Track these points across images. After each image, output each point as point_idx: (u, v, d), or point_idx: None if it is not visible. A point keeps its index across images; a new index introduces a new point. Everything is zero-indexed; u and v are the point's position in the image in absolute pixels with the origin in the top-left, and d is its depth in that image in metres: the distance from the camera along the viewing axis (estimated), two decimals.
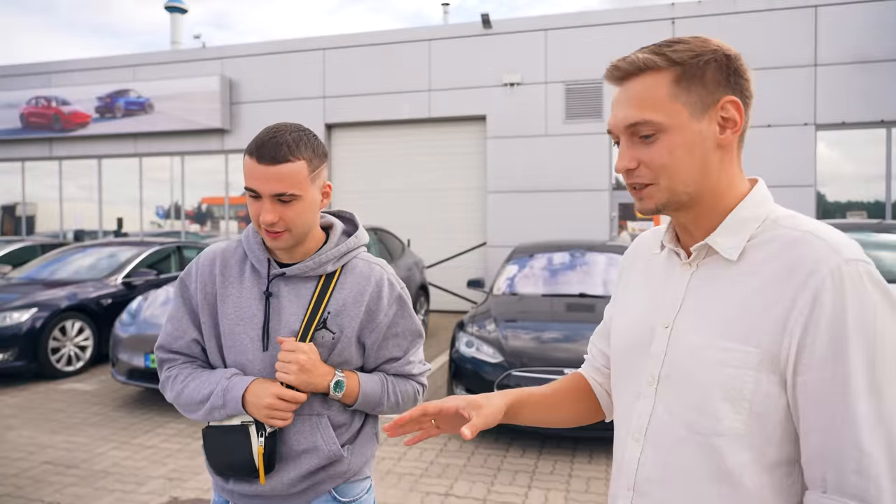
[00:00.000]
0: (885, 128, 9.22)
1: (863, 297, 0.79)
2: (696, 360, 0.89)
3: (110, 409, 5.27)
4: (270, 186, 1.28)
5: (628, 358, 1.02)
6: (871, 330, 0.78)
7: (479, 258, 10.84)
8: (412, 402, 1.51)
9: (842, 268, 0.80)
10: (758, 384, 0.83)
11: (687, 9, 9.77)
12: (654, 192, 0.91)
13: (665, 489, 0.92)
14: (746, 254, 0.89)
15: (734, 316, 0.86)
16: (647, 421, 0.95)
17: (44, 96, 12.89)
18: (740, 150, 0.94)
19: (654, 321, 0.97)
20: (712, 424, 0.86)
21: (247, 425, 1.33)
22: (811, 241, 0.84)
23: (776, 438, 0.84)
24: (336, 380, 1.36)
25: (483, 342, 4.51)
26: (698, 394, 0.88)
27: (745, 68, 0.90)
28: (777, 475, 0.85)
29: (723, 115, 0.89)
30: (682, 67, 0.88)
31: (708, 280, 0.92)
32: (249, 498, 1.41)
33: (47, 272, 7.38)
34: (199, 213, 13.24)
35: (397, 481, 3.76)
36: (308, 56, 11.52)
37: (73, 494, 3.60)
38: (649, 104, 0.88)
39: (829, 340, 0.78)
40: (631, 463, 0.97)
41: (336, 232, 1.46)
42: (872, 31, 9.08)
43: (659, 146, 0.89)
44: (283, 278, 1.39)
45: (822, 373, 0.79)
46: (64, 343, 6.39)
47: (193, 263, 1.47)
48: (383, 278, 1.45)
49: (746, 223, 0.90)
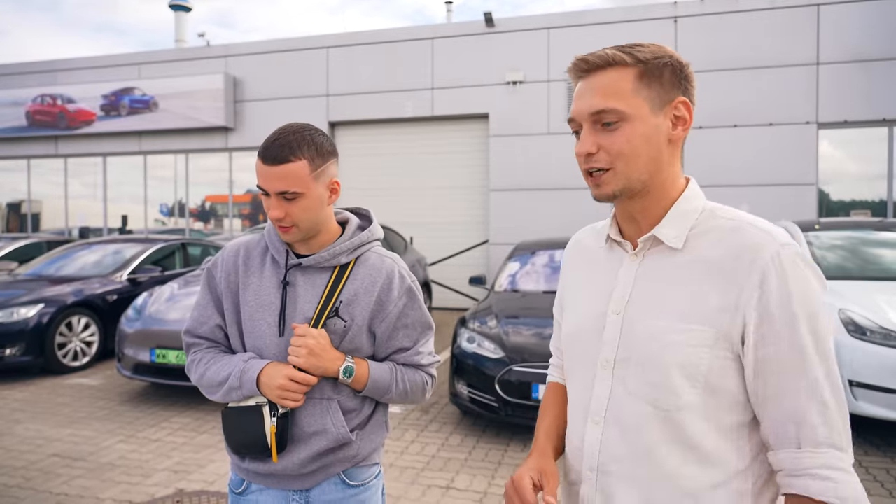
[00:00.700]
0: (888, 126, 9.23)
1: (800, 277, 0.90)
2: (656, 342, 0.96)
3: (116, 403, 5.34)
4: (274, 185, 1.37)
5: (580, 346, 1.09)
6: (810, 304, 0.90)
7: (481, 256, 10.88)
8: (420, 393, 1.57)
9: (780, 252, 0.91)
10: (713, 360, 0.93)
11: (689, 7, 9.78)
12: (610, 178, 0.98)
13: (632, 465, 0.99)
14: (689, 242, 0.98)
15: (688, 300, 0.95)
16: (605, 403, 1.02)
17: (49, 94, 12.97)
18: (682, 148, 1.04)
19: (605, 309, 1.04)
20: (673, 400, 0.95)
21: (261, 406, 1.40)
22: (749, 229, 0.95)
23: (727, 405, 0.95)
24: (346, 365, 1.43)
25: (484, 338, 4.55)
26: (658, 373, 0.96)
27: (692, 76, 1.01)
28: (732, 437, 0.96)
29: (675, 114, 0.98)
30: (645, 66, 0.97)
31: (655, 269, 1.00)
32: (263, 476, 1.47)
33: (53, 269, 7.44)
34: (203, 211, 13.31)
35: (399, 474, 3.81)
36: (311, 54, 11.56)
37: (80, 486, 3.66)
38: (615, 95, 0.96)
39: (780, 317, 0.89)
40: (593, 445, 1.03)
41: (351, 226, 1.54)
42: (874, 29, 9.08)
43: (620, 134, 0.96)
44: (300, 268, 1.47)
45: (780, 346, 0.90)
46: (70, 338, 6.45)
47: (220, 254, 1.57)
48: (394, 270, 1.51)
49: (687, 215, 1.00)
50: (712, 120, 9.55)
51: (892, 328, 4.10)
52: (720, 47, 9.57)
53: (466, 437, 4.45)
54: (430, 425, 4.73)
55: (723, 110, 9.51)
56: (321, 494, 1.48)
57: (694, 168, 9.68)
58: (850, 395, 4.15)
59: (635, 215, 1.03)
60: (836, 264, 5.20)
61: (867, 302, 4.41)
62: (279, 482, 1.47)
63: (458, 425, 4.72)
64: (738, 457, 0.96)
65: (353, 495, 1.50)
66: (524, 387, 4.17)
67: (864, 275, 5.00)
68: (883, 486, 3.59)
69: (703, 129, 9.60)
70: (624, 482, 1.00)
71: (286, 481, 1.47)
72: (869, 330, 4.18)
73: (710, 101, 9.54)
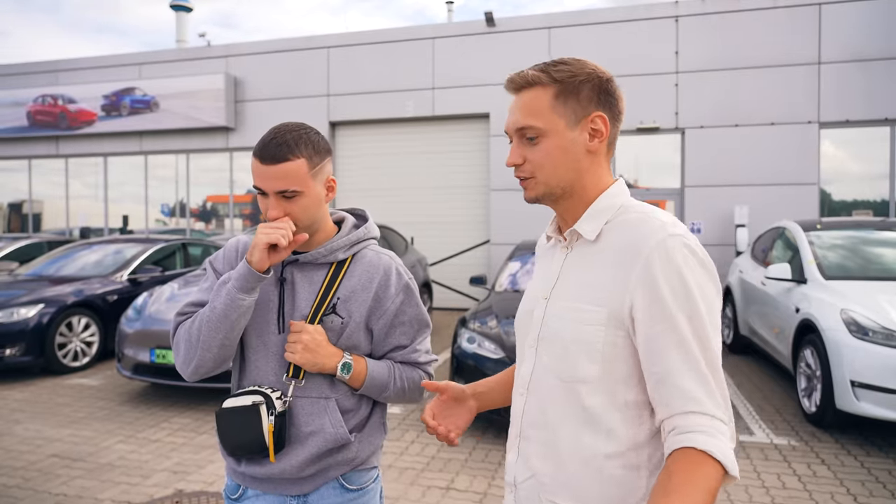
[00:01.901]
0: (889, 126, 9.20)
1: (682, 264, 0.98)
2: (561, 320, 1.09)
3: (116, 403, 5.33)
4: (273, 184, 1.35)
5: (521, 328, 1.23)
6: (689, 290, 0.98)
7: (482, 256, 10.87)
8: (418, 391, 1.56)
9: (666, 241, 0.99)
10: (607, 337, 1.03)
11: (690, 7, 9.76)
12: (533, 184, 1.11)
13: (543, 431, 1.11)
14: (603, 235, 1.09)
15: (589, 283, 1.07)
16: (529, 377, 1.15)
17: (50, 94, 12.98)
18: (609, 154, 1.13)
19: (539, 294, 1.17)
20: (573, 373, 1.06)
21: (258, 405, 1.37)
22: (646, 220, 1.05)
23: (622, 381, 1.03)
24: (344, 361, 1.41)
25: (485, 338, 4.54)
26: (562, 348, 1.08)
27: (615, 89, 1.10)
28: (628, 414, 1.04)
29: (592, 127, 1.08)
30: (561, 85, 1.07)
31: (577, 258, 1.12)
32: (261, 481, 1.45)
33: (54, 269, 7.44)
34: (204, 211, 13.31)
35: (399, 475, 3.79)
36: (312, 54, 11.56)
37: (79, 486, 3.65)
38: (534, 113, 1.08)
39: (658, 300, 0.98)
40: (518, 413, 1.17)
41: (347, 224, 1.54)
42: (875, 29, 9.05)
43: (539, 148, 1.09)
44: (297, 265, 1.46)
45: (655, 327, 0.98)
46: (70, 339, 6.45)
47: (221, 250, 1.56)
48: (391, 267, 1.51)
49: (603, 211, 1.10)
50: (713, 120, 9.53)
51: (895, 328, 4.08)
52: (721, 47, 9.55)
53: (467, 438, 4.44)
54: None
55: (724, 110, 9.49)
56: (319, 499, 1.46)
57: (694, 167, 9.66)
58: (853, 396, 4.13)
59: (563, 215, 1.16)
60: (837, 264, 5.18)
61: (869, 302, 4.39)
62: (277, 487, 1.45)
63: None
64: (635, 432, 1.04)
65: (351, 500, 1.48)
66: None
67: (865, 275, 4.98)
68: (885, 487, 3.57)
69: (705, 129, 9.58)
70: (537, 446, 1.11)
71: (284, 486, 1.44)
72: (871, 330, 4.16)
73: (712, 101, 9.52)
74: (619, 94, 1.11)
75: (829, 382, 4.30)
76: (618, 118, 1.11)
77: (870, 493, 3.49)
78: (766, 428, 4.57)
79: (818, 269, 5.10)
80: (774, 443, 4.27)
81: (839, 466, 3.86)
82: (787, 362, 5.27)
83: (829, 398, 4.30)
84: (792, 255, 5.69)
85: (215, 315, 1.36)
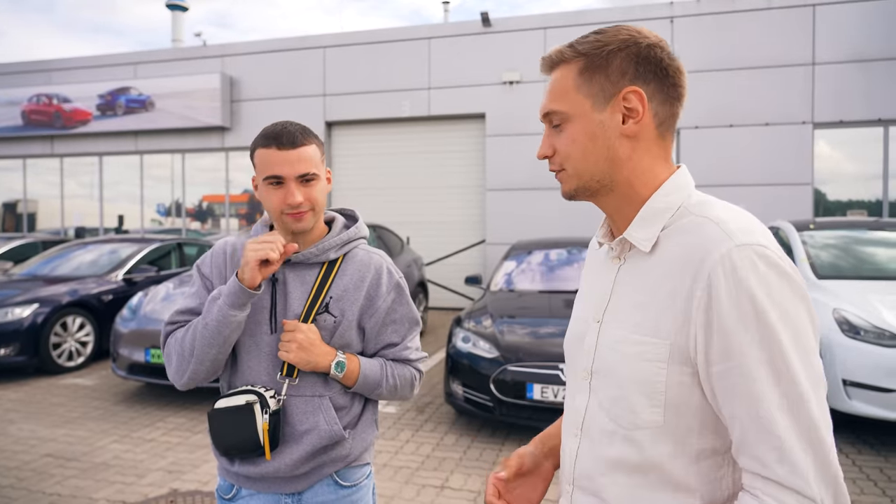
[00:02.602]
0: (883, 126, 9.25)
1: (754, 281, 0.77)
2: (615, 353, 0.89)
3: (111, 403, 5.32)
4: (295, 168, 1.38)
5: (570, 354, 1.04)
6: (764, 315, 0.76)
7: (477, 255, 10.89)
8: (409, 388, 1.57)
9: (732, 253, 0.78)
10: (670, 376, 0.83)
11: (686, 7, 9.79)
12: (564, 177, 0.95)
13: (599, 482, 0.92)
14: (660, 244, 0.88)
15: (646, 308, 0.86)
16: (583, 415, 0.95)
17: (45, 94, 12.94)
18: (664, 139, 0.93)
19: (589, 315, 0.98)
20: (631, 419, 0.87)
21: (251, 404, 1.38)
22: (707, 225, 0.83)
23: (696, 428, 0.84)
24: (337, 360, 1.43)
25: (479, 337, 4.55)
26: (617, 387, 0.89)
27: (661, 56, 0.88)
28: (704, 465, 0.85)
29: (626, 106, 0.88)
30: (586, 59, 0.89)
31: (631, 273, 0.92)
32: (254, 480, 1.45)
33: (48, 268, 7.43)
34: (200, 211, 13.29)
35: (394, 474, 3.80)
36: (308, 54, 11.55)
37: (74, 486, 3.65)
38: (558, 95, 0.92)
39: (729, 330, 0.77)
40: (570, 458, 0.98)
41: (338, 224, 1.55)
42: (869, 30, 9.10)
43: (565, 135, 0.92)
44: (289, 265, 1.47)
45: (728, 363, 0.78)
46: (65, 339, 6.44)
47: (209, 253, 1.56)
48: (382, 266, 1.53)
49: (659, 213, 0.89)
50: (709, 120, 9.56)
51: (886, 327, 4.11)
52: (717, 47, 9.58)
53: (461, 437, 4.45)
54: (426, 425, 4.73)
55: (719, 110, 9.52)
56: (314, 496, 1.47)
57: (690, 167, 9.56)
58: (845, 395, 4.16)
59: (612, 215, 0.97)
60: (830, 264, 5.21)
61: (861, 301, 4.42)
62: (271, 486, 1.45)
63: (453, 425, 4.72)
64: (714, 487, 0.85)
65: (345, 496, 1.49)
66: (519, 386, 4.17)
67: (858, 274, 5.01)
68: (876, 484, 3.60)
69: (700, 129, 9.61)
70: (591, 497, 0.93)
71: (278, 484, 1.45)
72: (863, 329, 4.18)
73: (707, 101, 9.55)
74: (671, 61, 0.89)
75: None
76: (669, 92, 0.89)
77: (861, 490, 3.52)
78: None
79: (811, 269, 5.13)
80: None
81: None
82: None
83: None
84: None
85: (208, 331, 1.38)
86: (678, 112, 0.92)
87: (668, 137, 0.93)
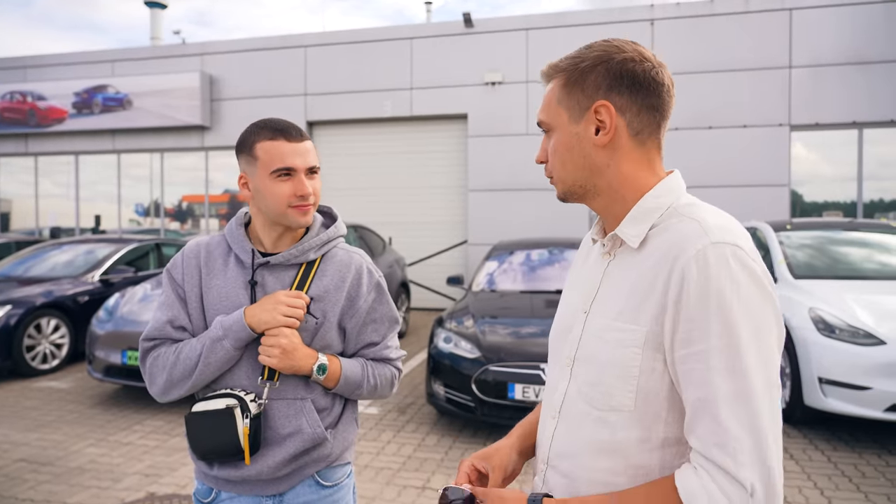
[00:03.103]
0: (857, 129, 9.42)
1: (723, 278, 0.82)
2: (598, 340, 0.95)
3: (86, 406, 5.23)
4: (307, 160, 1.41)
5: (555, 344, 1.10)
6: (732, 309, 0.82)
7: (459, 256, 10.89)
8: (389, 387, 1.57)
9: (707, 249, 0.84)
10: (644, 362, 0.89)
11: (665, 10, 9.89)
12: (555, 182, 1.03)
13: (569, 462, 0.98)
14: (648, 241, 0.94)
15: (628, 298, 0.92)
16: (562, 400, 1.02)
17: (19, 91, 12.68)
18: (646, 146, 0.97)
19: (578, 307, 1.03)
20: (606, 400, 0.92)
21: (231, 408, 1.36)
22: (690, 224, 0.89)
23: (663, 416, 0.89)
24: (319, 363, 1.41)
25: (461, 338, 4.55)
26: (596, 371, 0.94)
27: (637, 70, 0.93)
28: (667, 453, 0.90)
29: (598, 118, 0.95)
30: (566, 74, 0.98)
31: (619, 267, 0.98)
32: (234, 483, 1.43)
33: (22, 269, 7.28)
34: (180, 211, 13.13)
35: (375, 475, 3.78)
36: (290, 53, 11.47)
37: (47, 491, 3.57)
38: (545, 106, 1.02)
39: (694, 319, 0.83)
40: (546, 439, 1.04)
41: (317, 223, 1.53)
42: (844, 34, 9.27)
43: (550, 144, 1.02)
44: (267, 267, 1.45)
45: (689, 349, 0.84)
46: (39, 341, 6.31)
47: (179, 255, 1.51)
48: (363, 266, 1.52)
49: (649, 213, 0.95)
50: (688, 122, 9.67)
51: (861, 326, 4.18)
52: (696, 50, 9.69)
53: (443, 437, 4.44)
54: (407, 426, 4.71)
55: (698, 112, 9.63)
56: (295, 497, 1.45)
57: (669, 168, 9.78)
58: (820, 392, 4.22)
59: (603, 215, 1.03)
60: (806, 263, 5.29)
61: (837, 300, 4.50)
62: (252, 489, 1.43)
63: (435, 425, 4.71)
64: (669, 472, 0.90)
65: (326, 496, 1.48)
66: (500, 386, 4.17)
67: (834, 274, 5.09)
68: (850, 480, 3.66)
69: (679, 131, 9.71)
70: (562, 478, 1.00)
71: (259, 487, 1.43)
72: (838, 328, 4.26)
73: (686, 103, 9.66)
74: (646, 73, 0.93)
75: (798, 379, 4.39)
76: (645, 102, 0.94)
77: (836, 486, 3.57)
78: None
79: (788, 269, 5.21)
80: None
81: (807, 461, 3.94)
82: None
83: (798, 395, 4.39)
84: (763, 254, 5.80)
85: (210, 369, 1.39)
86: (660, 120, 0.97)
87: (650, 144, 0.98)
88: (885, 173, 9.58)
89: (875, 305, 4.38)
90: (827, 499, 3.43)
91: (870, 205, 9.57)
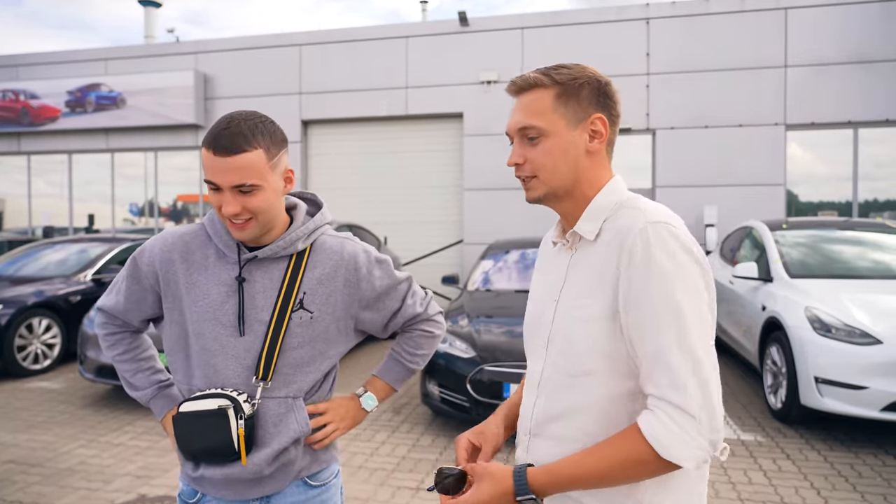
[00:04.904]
0: (853, 128, 9.43)
1: (662, 248, 1.00)
2: (568, 318, 1.11)
3: (77, 407, 5.18)
4: (229, 178, 1.26)
5: (529, 332, 1.25)
6: (670, 274, 0.99)
7: (455, 255, 10.85)
8: (433, 345, 1.63)
9: (647, 228, 1.02)
10: (604, 328, 1.05)
11: (661, 9, 9.88)
12: (535, 184, 1.14)
13: (553, 426, 1.13)
14: (602, 234, 1.11)
15: (589, 278, 1.09)
16: (539, 377, 1.17)
17: (11, 90, 12.58)
18: (609, 154, 1.17)
19: (548, 297, 1.19)
20: (578, 367, 1.08)
21: (224, 409, 1.31)
22: (633, 212, 1.08)
23: (625, 372, 1.05)
24: (367, 402, 1.56)
25: (456, 337, 4.52)
26: (568, 344, 1.10)
27: (613, 93, 1.14)
28: (636, 405, 1.06)
29: (592, 128, 1.12)
30: (562, 87, 1.11)
31: (580, 258, 1.14)
32: (219, 485, 1.39)
33: (14, 268, 7.21)
34: (175, 210, 13.06)
35: (369, 476, 3.75)
36: (284, 52, 11.41)
37: (36, 493, 3.53)
38: (536, 113, 1.11)
39: (640, 285, 1.00)
40: (528, 412, 1.20)
41: (301, 211, 1.47)
42: (840, 34, 9.27)
43: (540, 148, 1.12)
44: (255, 262, 1.39)
45: (638, 312, 1.00)
46: (30, 341, 6.25)
47: (149, 247, 1.44)
48: (356, 250, 1.47)
49: (601, 209, 1.12)
50: (683, 121, 9.66)
51: (857, 325, 4.16)
52: (691, 49, 9.68)
53: (437, 438, 4.41)
54: (402, 426, 4.68)
55: (694, 111, 9.62)
56: (282, 498, 1.42)
57: (665, 168, 9.78)
58: (817, 392, 4.21)
59: (566, 216, 1.18)
60: (802, 263, 5.28)
61: (832, 300, 4.48)
62: (237, 491, 1.39)
63: (430, 426, 4.68)
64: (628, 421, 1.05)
65: (314, 496, 1.46)
66: (496, 386, 4.14)
67: (829, 273, 5.08)
68: (847, 480, 3.64)
69: (675, 130, 9.70)
70: (546, 442, 1.14)
71: (245, 488, 1.39)
72: (834, 328, 4.24)
73: (682, 103, 9.65)
74: (617, 97, 1.15)
75: (794, 379, 4.38)
76: (616, 121, 1.15)
77: (832, 486, 3.56)
78: (734, 424, 4.63)
79: (784, 268, 5.19)
80: (741, 439, 4.33)
81: (803, 461, 3.93)
82: (754, 360, 5.36)
83: (794, 394, 4.38)
84: (759, 254, 5.79)
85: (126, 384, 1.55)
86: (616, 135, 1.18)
87: (610, 153, 1.18)
88: (880, 173, 9.59)
89: (871, 304, 4.37)
90: (823, 499, 3.41)
91: (865, 204, 9.57)
